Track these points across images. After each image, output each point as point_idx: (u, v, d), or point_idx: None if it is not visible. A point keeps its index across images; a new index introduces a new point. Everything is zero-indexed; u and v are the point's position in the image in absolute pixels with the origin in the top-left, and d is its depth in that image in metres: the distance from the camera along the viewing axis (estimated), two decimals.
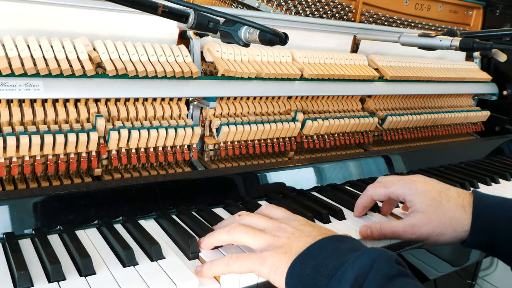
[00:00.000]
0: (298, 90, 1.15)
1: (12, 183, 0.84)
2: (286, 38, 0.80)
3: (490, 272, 1.92)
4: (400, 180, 0.87)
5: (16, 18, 0.85)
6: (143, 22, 0.98)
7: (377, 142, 1.41)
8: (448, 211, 0.81)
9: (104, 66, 0.88)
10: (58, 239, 0.74)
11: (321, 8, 1.33)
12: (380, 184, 0.90)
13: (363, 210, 0.94)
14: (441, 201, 0.82)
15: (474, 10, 1.79)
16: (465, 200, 0.82)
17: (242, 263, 0.67)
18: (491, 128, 1.75)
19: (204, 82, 0.99)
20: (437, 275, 1.14)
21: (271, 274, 0.65)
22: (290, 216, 0.74)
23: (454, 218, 0.80)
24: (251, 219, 0.74)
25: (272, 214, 0.76)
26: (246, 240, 0.70)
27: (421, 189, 0.84)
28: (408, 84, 1.41)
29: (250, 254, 0.67)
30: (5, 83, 0.78)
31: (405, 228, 0.81)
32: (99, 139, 0.87)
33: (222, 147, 1.06)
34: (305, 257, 0.63)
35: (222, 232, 0.72)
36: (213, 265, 0.68)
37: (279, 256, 0.65)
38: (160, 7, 0.72)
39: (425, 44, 1.18)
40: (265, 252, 0.66)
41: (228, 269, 0.67)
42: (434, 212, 0.81)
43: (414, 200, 0.83)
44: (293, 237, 0.67)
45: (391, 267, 0.59)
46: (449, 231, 0.80)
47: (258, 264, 0.66)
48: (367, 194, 0.91)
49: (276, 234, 0.69)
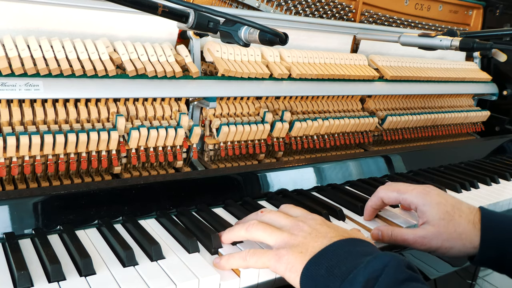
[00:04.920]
0: (298, 90, 1.15)
1: (12, 183, 0.84)
2: (286, 38, 0.81)
3: (490, 272, 1.92)
4: (415, 188, 0.87)
5: (16, 18, 0.85)
6: (143, 22, 0.98)
7: (377, 142, 1.41)
8: (459, 226, 0.81)
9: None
10: (58, 239, 0.74)
11: (321, 8, 1.33)
12: (393, 188, 0.89)
13: (373, 213, 0.93)
14: (454, 215, 0.82)
15: (474, 10, 1.79)
16: (476, 216, 0.83)
17: (259, 259, 0.69)
18: (491, 128, 1.75)
19: (204, 82, 0.99)
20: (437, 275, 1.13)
21: (286, 272, 0.67)
22: (308, 215, 0.76)
23: (464, 233, 0.81)
24: (271, 217, 0.76)
25: (291, 212, 0.78)
26: (263, 237, 0.71)
27: (435, 201, 0.84)
28: (408, 84, 1.41)
29: (267, 251, 0.69)
30: (5, 83, 0.78)
31: (415, 239, 0.82)
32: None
33: (222, 147, 1.06)
34: (320, 258, 0.65)
35: (241, 229, 0.74)
36: (231, 258, 0.70)
37: (295, 255, 0.66)
38: (160, 7, 0.72)
39: (425, 44, 1.18)
40: (281, 250, 0.68)
41: (245, 263, 0.69)
42: (445, 226, 0.81)
43: (427, 211, 0.83)
44: (310, 237, 0.69)
45: (401, 272, 0.60)
46: (458, 245, 0.81)
47: (274, 261, 0.68)
48: (377, 196, 0.90)
49: (293, 232, 0.70)
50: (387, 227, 0.86)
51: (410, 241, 0.82)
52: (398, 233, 0.83)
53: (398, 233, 0.83)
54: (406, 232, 0.83)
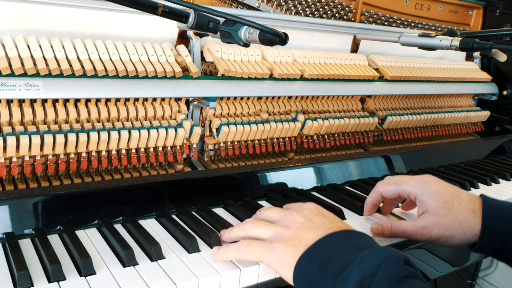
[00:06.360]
0: (298, 90, 1.15)
1: (12, 183, 0.84)
2: (286, 38, 0.81)
3: (490, 272, 1.92)
4: (413, 179, 0.86)
5: (16, 18, 0.85)
6: (143, 22, 0.98)
7: (377, 142, 1.41)
8: (459, 214, 0.80)
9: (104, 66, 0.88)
10: (58, 239, 0.74)
11: (321, 8, 1.33)
12: (391, 181, 0.88)
13: (373, 208, 0.92)
14: (453, 203, 0.81)
15: (474, 10, 1.79)
16: (476, 204, 0.82)
17: (251, 251, 0.68)
18: (491, 128, 1.75)
19: (204, 82, 0.99)
20: (437, 275, 1.13)
21: (278, 266, 0.65)
22: (303, 204, 0.75)
23: (465, 221, 0.80)
24: (267, 213, 0.76)
25: (288, 206, 0.78)
26: (258, 232, 0.71)
27: (434, 190, 0.83)
28: (408, 84, 1.41)
29: (260, 243, 0.68)
30: (5, 83, 0.78)
31: (415, 230, 0.81)
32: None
33: (222, 147, 1.06)
34: (313, 252, 0.63)
35: (238, 229, 0.74)
36: (228, 249, 0.70)
37: (288, 248, 0.65)
38: (160, 7, 0.72)
39: (425, 44, 1.18)
40: (274, 243, 0.67)
41: (238, 255, 0.69)
42: (445, 214, 0.80)
43: (427, 201, 0.82)
44: (303, 227, 0.67)
45: (399, 269, 0.58)
46: (459, 234, 0.80)
47: (266, 254, 0.67)
48: (376, 191, 0.90)
49: (285, 224, 0.69)
50: (387, 220, 0.85)
51: (410, 232, 0.81)
52: (397, 226, 0.83)
53: (397, 225, 0.83)
54: (406, 223, 0.82)
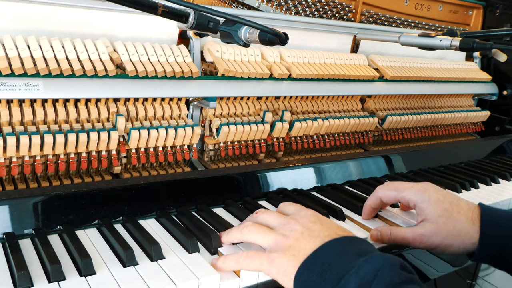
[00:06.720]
0: (298, 90, 1.15)
1: (12, 183, 0.84)
2: (286, 38, 0.80)
3: (490, 272, 1.92)
4: (413, 186, 0.87)
5: (16, 18, 0.85)
6: (143, 22, 0.98)
7: (377, 142, 1.41)
8: (458, 223, 0.81)
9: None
10: (58, 239, 0.74)
11: (321, 8, 1.33)
12: (391, 187, 0.89)
13: (372, 212, 0.92)
14: (452, 212, 0.82)
15: (474, 10, 1.79)
16: (474, 213, 0.82)
17: (252, 262, 0.68)
18: (491, 128, 1.75)
19: (204, 82, 0.99)
20: (437, 275, 1.13)
21: (279, 276, 0.66)
22: (301, 211, 0.75)
23: (463, 230, 0.80)
24: (264, 217, 0.75)
25: (286, 210, 0.77)
26: (256, 239, 0.71)
27: (433, 198, 0.84)
28: (408, 84, 1.41)
29: (260, 254, 0.68)
30: (5, 83, 0.78)
31: (414, 237, 0.82)
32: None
33: (222, 147, 1.06)
34: (312, 261, 0.64)
35: (237, 231, 0.74)
36: (226, 260, 0.70)
37: (287, 258, 0.66)
38: (160, 7, 0.72)
39: (425, 44, 1.18)
40: (274, 253, 0.67)
41: (238, 266, 0.69)
42: (444, 223, 0.81)
43: (426, 209, 0.83)
44: (302, 237, 0.68)
45: (395, 275, 0.58)
46: (457, 242, 0.80)
47: (266, 264, 0.67)
48: (376, 195, 0.90)
49: (284, 233, 0.69)
50: (386, 227, 0.86)
51: (409, 239, 0.82)
52: (397, 232, 0.83)
53: (397, 232, 0.83)
54: (405, 230, 0.83)
